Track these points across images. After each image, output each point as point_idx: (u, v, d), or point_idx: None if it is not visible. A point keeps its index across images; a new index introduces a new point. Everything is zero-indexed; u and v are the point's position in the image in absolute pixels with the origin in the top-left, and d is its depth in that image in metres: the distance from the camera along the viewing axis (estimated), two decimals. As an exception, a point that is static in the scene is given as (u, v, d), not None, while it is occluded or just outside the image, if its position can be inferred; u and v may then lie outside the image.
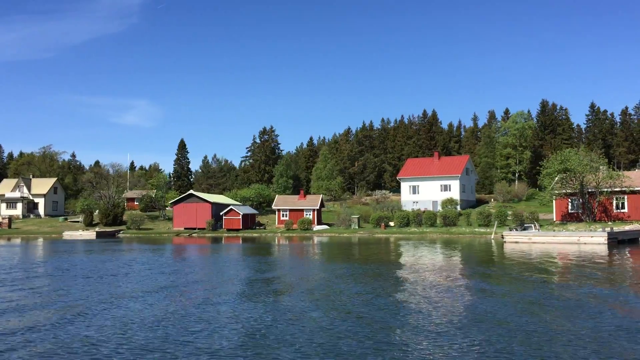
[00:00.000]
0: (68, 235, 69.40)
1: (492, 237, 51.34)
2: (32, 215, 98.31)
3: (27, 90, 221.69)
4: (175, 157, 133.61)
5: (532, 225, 45.46)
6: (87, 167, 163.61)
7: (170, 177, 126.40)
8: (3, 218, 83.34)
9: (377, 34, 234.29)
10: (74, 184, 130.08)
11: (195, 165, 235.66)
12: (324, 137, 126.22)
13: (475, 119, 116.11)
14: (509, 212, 62.57)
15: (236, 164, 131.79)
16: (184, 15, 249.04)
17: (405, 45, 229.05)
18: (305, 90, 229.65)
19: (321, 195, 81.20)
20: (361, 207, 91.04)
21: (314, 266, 27.73)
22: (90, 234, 68.63)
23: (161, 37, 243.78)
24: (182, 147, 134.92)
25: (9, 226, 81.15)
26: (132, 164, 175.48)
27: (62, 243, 54.88)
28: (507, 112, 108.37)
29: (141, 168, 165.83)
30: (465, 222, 66.07)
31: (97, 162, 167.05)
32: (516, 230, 46.91)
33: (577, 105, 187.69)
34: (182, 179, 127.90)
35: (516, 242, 41.67)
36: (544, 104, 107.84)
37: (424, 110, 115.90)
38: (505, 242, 42.87)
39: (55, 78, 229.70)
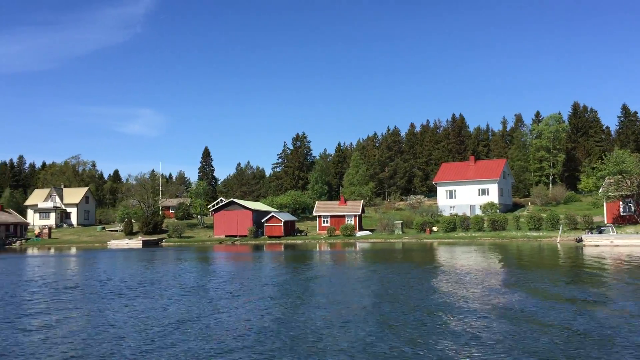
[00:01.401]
0: (114, 244, 69.26)
1: (558, 240, 50.99)
2: (65, 225, 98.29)
3: (33, 101, 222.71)
4: (200, 164, 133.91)
5: (610, 228, 45.11)
6: (106, 177, 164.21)
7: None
8: (43, 228, 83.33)
9: (399, 38, 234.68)
10: (97, 193, 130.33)
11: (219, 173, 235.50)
12: (350, 143, 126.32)
13: (504, 122, 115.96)
14: (562, 216, 62.19)
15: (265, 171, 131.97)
16: (187, 24, 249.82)
17: (428, 49, 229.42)
18: (327, 97, 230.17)
19: (362, 200, 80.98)
20: (395, 212, 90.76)
21: (426, 277, 27.44)
22: (137, 243, 68.50)
23: (165, 47, 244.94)
24: (206, 155, 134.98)
25: (49, 236, 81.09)
26: (152, 172, 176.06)
27: (119, 252, 54.73)
28: (538, 115, 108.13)
29: (162, 177, 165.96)
30: (514, 226, 65.69)
31: (116, 171, 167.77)
32: (592, 233, 46.56)
33: (608, 107, 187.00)
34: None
35: (596, 246, 41.34)
36: (575, 106, 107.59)
37: (453, 115, 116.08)
38: (584, 245, 42.53)
39: (61, 88, 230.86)
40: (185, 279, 26.49)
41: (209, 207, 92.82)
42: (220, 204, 79.36)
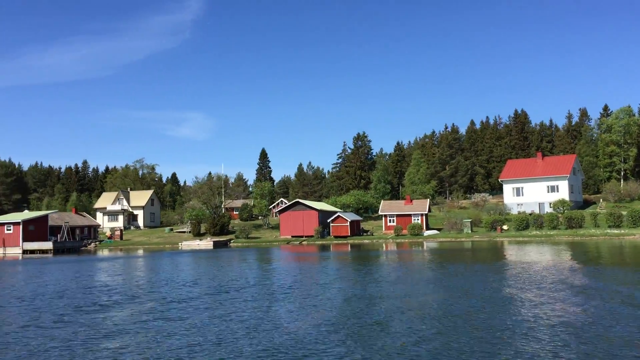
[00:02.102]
0: (186, 245, 70.67)
1: (649, 238, 49.06)
2: (132, 227, 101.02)
3: (90, 108, 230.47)
4: (257, 166, 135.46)
5: None
6: (164, 180, 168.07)
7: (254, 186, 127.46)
8: (115, 230, 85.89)
9: (455, 33, 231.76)
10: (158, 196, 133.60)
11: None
12: (409, 141, 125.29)
13: (569, 117, 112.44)
14: (645, 212, 59.73)
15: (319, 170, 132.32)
16: (235, 28, 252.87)
17: (487, 44, 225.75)
18: (383, 95, 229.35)
19: (428, 199, 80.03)
20: (459, 210, 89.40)
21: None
22: (207, 244, 69.72)
23: (213, 51, 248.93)
24: (263, 156, 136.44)
25: (121, 238, 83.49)
26: (209, 174, 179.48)
27: (200, 253, 55.78)
28: (606, 108, 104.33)
29: (219, 178, 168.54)
30: (592, 223, 63.50)
31: (174, 174, 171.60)
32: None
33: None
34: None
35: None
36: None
37: (515, 110, 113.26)
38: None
39: (115, 95, 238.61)
40: (318, 277, 26.88)
41: (269, 208, 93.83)
42: (286, 205, 79.91)
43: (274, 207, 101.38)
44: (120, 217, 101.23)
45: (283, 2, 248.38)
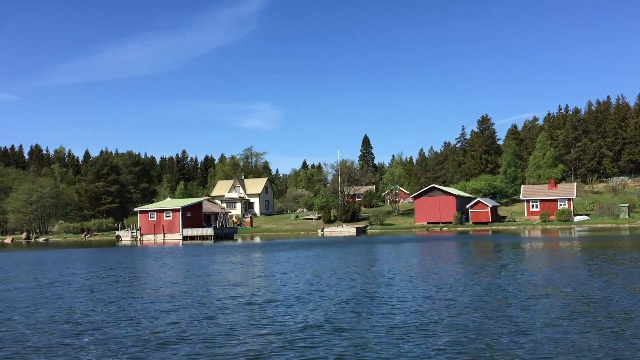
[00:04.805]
0: (328, 232, 69.90)
1: None
2: (249, 214, 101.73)
3: (160, 101, 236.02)
4: (360, 153, 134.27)
5: None
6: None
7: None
8: (246, 217, 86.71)
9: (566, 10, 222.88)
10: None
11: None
12: (529, 119, 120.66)
13: None
14: None
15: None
16: (301, 17, 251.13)
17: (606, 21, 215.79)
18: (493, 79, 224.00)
19: (574, 183, 76.10)
20: (594, 195, 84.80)
21: None
22: (350, 230, 68.75)
23: (279, 42, 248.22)
24: (365, 143, 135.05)
25: (251, 225, 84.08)
26: (304, 162, 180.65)
27: (372, 241, 54.60)
28: None
29: (313, 166, 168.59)
30: None
31: (265, 163, 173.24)
32: None
33: None
34: (368, 174, 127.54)
35: None
36: None
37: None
38: None
39: (185, 88, 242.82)
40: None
41: (395, 193, 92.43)
42: (421, 190, 78.02)
43: (387, 193, 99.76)
44: (238, 205, 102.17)
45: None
